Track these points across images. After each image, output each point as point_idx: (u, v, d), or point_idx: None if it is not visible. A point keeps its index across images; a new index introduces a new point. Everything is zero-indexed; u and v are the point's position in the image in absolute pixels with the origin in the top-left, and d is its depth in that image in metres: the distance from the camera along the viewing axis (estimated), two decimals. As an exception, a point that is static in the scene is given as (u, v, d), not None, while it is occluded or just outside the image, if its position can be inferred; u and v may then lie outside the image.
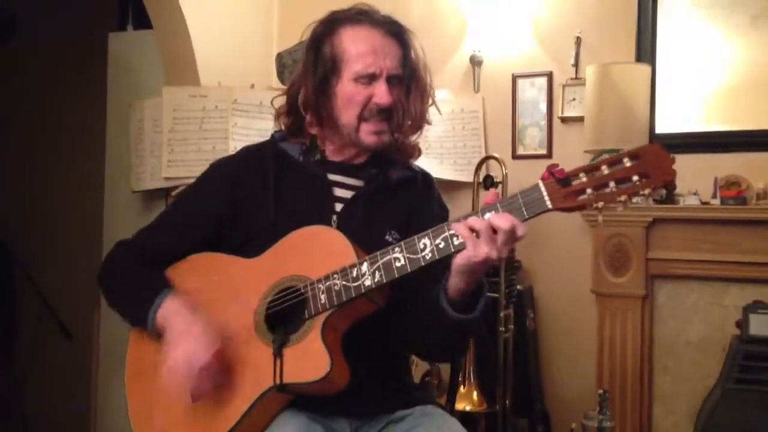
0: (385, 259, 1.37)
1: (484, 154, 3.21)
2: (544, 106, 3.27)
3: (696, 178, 2.92)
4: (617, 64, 3.00)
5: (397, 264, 1.37)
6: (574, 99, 3.21)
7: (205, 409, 1.45)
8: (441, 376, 3.10)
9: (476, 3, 3.30)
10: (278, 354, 1.36)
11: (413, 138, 1.64)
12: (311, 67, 1.56)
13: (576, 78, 3.19)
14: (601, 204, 1.28)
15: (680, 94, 3.07)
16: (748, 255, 2.78)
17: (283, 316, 1.44)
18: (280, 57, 3.01)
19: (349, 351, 1.42)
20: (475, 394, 2.90)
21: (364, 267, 1.38)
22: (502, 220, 1.31)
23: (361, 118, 1.53)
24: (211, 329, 1.44)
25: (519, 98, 3.31)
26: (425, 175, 1.70)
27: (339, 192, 1.58)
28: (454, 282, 1.39)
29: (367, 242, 1.45)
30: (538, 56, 3.29)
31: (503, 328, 2.90)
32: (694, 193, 2.88)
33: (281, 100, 1.67)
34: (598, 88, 2.96)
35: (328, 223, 1.53)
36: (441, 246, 1.35)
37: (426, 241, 1.36)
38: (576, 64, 3.19)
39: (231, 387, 1.44)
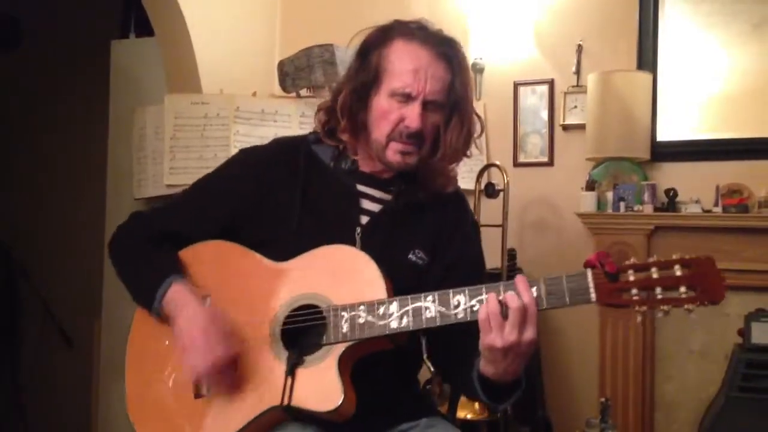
0: (415, 305, 1.32)
1: (485, 162, 3.21)
2: (545, 114, 3.28)
3: (698, 186, 2.92)
4: (619, 72, 3.01)
5: (428, 314, 1.31)
6: (575, 106, 3.21)
7: (207, 410, 1.43)
8: (442, 384, 3.09)
9: (478, 10, 3.31)
10: (290, 374, 1.33)
11: (449, 168, 1.57)
12: (354, 73, 1.51)
13: (577, 86, 3.20)
14: (644, 309, 1.24)
15: (682, 101, 3.08)
16: (750, 263, 2.78)
17: (299, 332, 1.40)
18: (281, 65, 3.02)
19: (358, 364, 1.39)
20: (476, 402, 2.89)
21: (393, 307, 1.33)
22: (512, 299, 1.25)
23: (390, 137, 1.47)
24: (228, 330, 1.41)
25: (520, 106, 3.31)
26: (456, 193, 1.62)
27: (366, 204, 1.53)
28: (483, 360, 1.32)
29: (389, 259, 1.41)
30: (539, 64, 3.29)
31: (505, 336, 2.89)
32: (696, 201, 2.88)
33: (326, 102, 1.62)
34: (599, 96, 2.96)
35: (351, 235, 1.48)
36: (475, 309, 1.29)
37: (461, 298, 1.30)
38: (577, 72, 3.20)
39: (236, 393, 1.41)
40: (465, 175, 3.28)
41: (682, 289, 1.22)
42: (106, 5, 4.01)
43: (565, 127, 3.24)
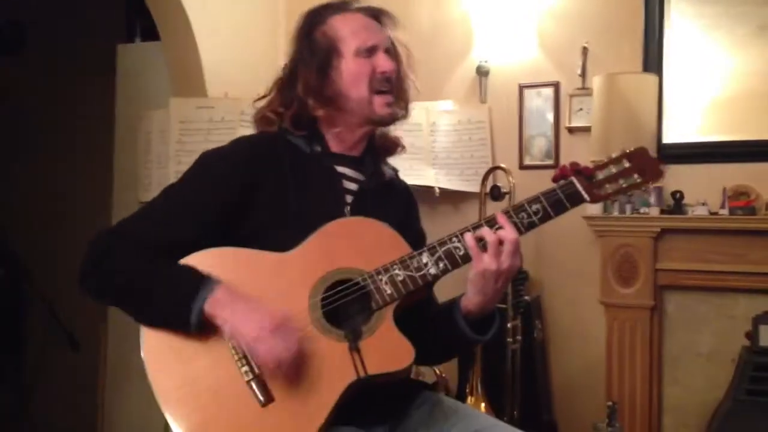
0: (444, 249, 1.44)
1: (490, 165, 3.21)
2: (550, 116, 3.27)
3: (704, 188, 2.91)
4: (624, 74, 3.00)
5: (460, 253, 1.44)
6: (581, 109, 3.21)
7: (281, 414, 1.37)
8: (448, 386, 3.09)
9: (483, 13, 3.30)
10: (355, 347, 1.35)
11: (401, 114, 1.65)
12: (307, 54, 1.58)
13: (583, 88, 3.19)
14: (619, 197, 1.55)
15: (688, 103, 3.07)
16: (757, 265, 2.76)
17: (340, 310, 1.43)
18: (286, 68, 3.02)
19: None
20: (482, 405, 2.89)
21: (425, 257, 1.44)
22: (505, 233, 1.44)
23: (372, 90, 1.56)
24: (286, 323, 1.38)
25: (526, 108, 3.31)
26: (401, 181, 1.75)
27: (347, 184, 1.60)
28: (468, 295, 1.48)
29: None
30: (544, 66, 3.29)
31: (511, 339, 2.89)
32: (703, 204, 2.86)
33: (263, 102, 1.67)
34: (605, 98, 2.95)
35: (342, 214, 1.54)
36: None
37: (482, 231, 1.44)
38: (583, 74, 3.19)
39: (305, 386, 1.38)
40: (470, 178, 3.28)
41: (635, 176, 1.50)
42: (112, 10, 4.03)
43: (571, 130, 3.23)
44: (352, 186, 1.60)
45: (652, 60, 3.08)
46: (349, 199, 1.58)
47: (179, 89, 3.20)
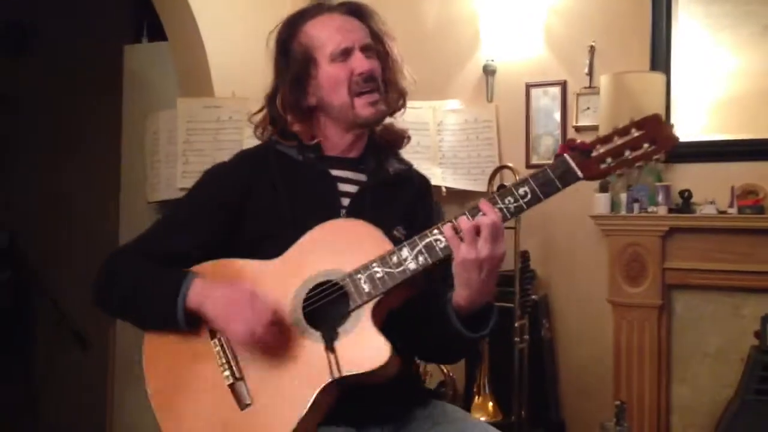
0: (425, 242, 1.38)
1: (497, 164, 3.21)
2: (557, 115, 3.27)
3: (713, 187, 2.90)
4: (631, 73, 2.99)
5: (440, 245, 1.37)
6: (588, 108, 3.20)
7: (258, 414, 1.40)
8: (456, 386, 3.09)
9: (489, 13, 3.30)
10: (330, 348, 1.35)
11: (399, 114, 1.65)
12: (283, 68, 1.58)
13: (590, 87, 3.18)
14: (623, 170, 1.41)
15: (696, 102, 3.06)
16: (766, 264, 2.76)
17: (322, 312, 1.42)
18: (293, 68, 3.02)
19: None
20: (490, 404, 2.89)
21: (405, 252, 1.39)
22: (482, 218, 1.35)
23: (352, 94, 1.53)
24: (255, 292, 1.41)
25: (532, 107, 3.30)
26: (421, 174, 1.71)
27: (343, 187, 1.57)
28: (455, 289, 1.40)
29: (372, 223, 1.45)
30: (551, 65, 3.28)
31: (518, 338, 2.89)
32: (711, 202, 2.86)
33: (259, 117, 1.68)
34: (612, 97, 2.95)
35: (337, 218, 1.52)
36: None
37: (462, 219, 1.37)
38: (590, 73, 3.18)
39: (282, 388, 1.39)
40: (477, 177, 3.28)
41: (645, 145, 1.40)
42: (119, 10, 4.04)
43: (578, 129, 3.23)
44: (350, 188, 1.57)
45: (660, 59, 3.07)
46: (345, 202, 1.56)
47: (186, 89, 3.21)
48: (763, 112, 2.96)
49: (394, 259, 1.39)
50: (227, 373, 1.43)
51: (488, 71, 3.33)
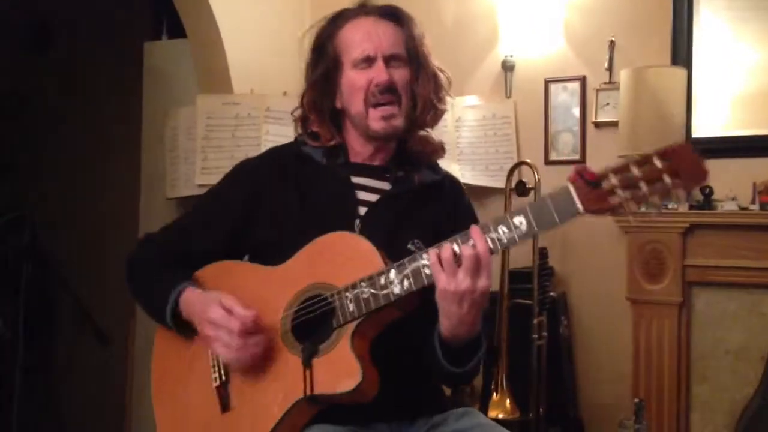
0: (413, 266, 1.33)
1: (516, 160, 3.19)
2: (577, 111, 3.24)
3: (734, 183, 2.86)
4: (652, 68, 2.96)
5: (426, 271, 1.32)
6: (608, 103, 3.17)
7: (237, 420, 1.44)
8: (473, 383, 3.08)
9: (508, 8, 3.28)
10: (307, 365, 1.34)
11: (432, 128, 1.60)
12: (312, 68, 1.57)
13: (610, 82, 3.16)
14: (634, 206, 1.23)
15: (717, 97, 3.02)
16: (788, 261, 2.72)
17: (311, 324, 1.42)
18: (311, 64, 3.03)
19: (381, 354, 1.39)
20: (507, 401, 2.88)
21: (392, 274, 1.34)
22: (466, 248, 1.28)
23: (367, 104, 1.50)
24: (232, 297, 1.43)
25: (551, 103, 3.28)
26: (453, 181, 1.66)
27: (363, 195, 1.54)
28: (440, 319, 1.35)
29: (389, 249, 1.41)
30: (570, 60, 3.26)
31: (536, 335, 2.88)
32: (733, 199, 2.82)
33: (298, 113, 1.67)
34: (632, 93, 2.92)
35: (351, 227, 1.49)
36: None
37: (455, 246, 1.30)
38: (610, 68, 3.16)
39: (262, 397, 1.42)
40: (496, 173, 3.27)
41: (666, 177, 1.21)
42: (138, 7, 4.06)
43: (598, 125, 3.20)
44: (370, 197, 1.54)
45: (681, 53, 3.03)
46: (362, 210, 1.52)
47: (206, 86, 3.23)
48: (786, 107, 2.92)
49: (382, 280, 1.35)
50: (215, 375, 1.48)
51: (507, 67, 3.31)
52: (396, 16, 1.56)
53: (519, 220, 1.28)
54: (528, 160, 3.06)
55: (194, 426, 1.51)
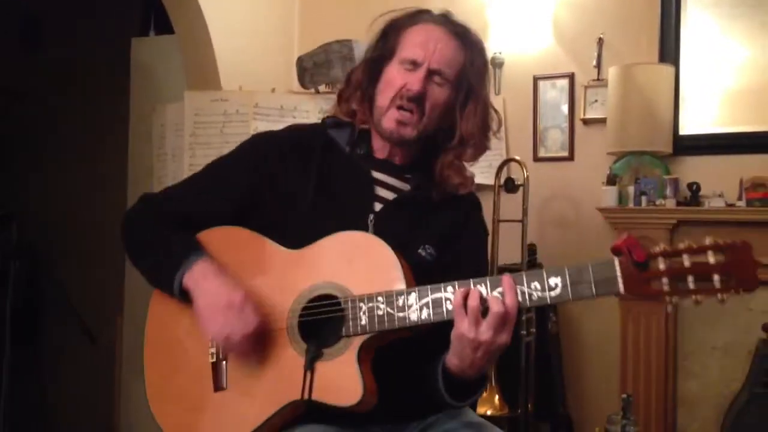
0: (435, 296, 1.29)
1: (505, 157, 3.20)
2: (565, 108, 3.25)
3: (721, 179, 2.88)
4: (640, 65, 2.98)
5: (448, 306, 1.28)
6: (596, 100, 3.18)
7: (227, 403, 1.42)
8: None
9: (497, 5, 3.29)
10: (310, 368, 1.30)
11: (469, 163, 1.56)
12: (371, 49, 1.55)
13: (598, 79, 3.17)
14: (676, 299, 1.19)
15: (704, 94, 3.04)
16: (774, 257, 2.74)
17: (319, 323, 1.38)
18: (300, 61, 3.02)
19: (380, 360, 1.37)
20: (496, 398, 2.89)
21: (412, 298, 1.30)
22: (495, 301, 1.24)
23: (392, 103, 1.48)
24: (250, 301, 1.39)
25: (540, 100, 3.29)
26: (472, 195, 1.62)
27: (381, 191, 1.51)
28: (449, 351, 1.32)
29: (399, 251, 1.37)
30: (559, 57, 3.27)
31: (525, 332, 2.88)
32: (719, 195, 2.84)
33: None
34: (620, 90, 2.93)
35: (364, 221, 1.47)
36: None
37: (481, 288, 1.27)
38: (598, 66, 3.17)
39: (256, 385, 1.40)
40: (485, 170, 3.27)
41: (716, 277, 1.16)
42: (126, 3, 4.04)
43: (586, 121, 3.21)
44: (388, 194, 1.51)
45: (669, 50, 3.05)
46: (377, 207, 1.49)
47: (193, 82, 3.22)
48: (772, 104, 2.94)
49: (400, 301, 1.31)
50: (213, 350, 1.44)
51: (496, 64, 3.31)
52: (464, 38, 1.52)
53: (555, 282, 1.25)
54: (517, 157, 3.07)
55: (185, 399, 1.46)
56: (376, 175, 1.52)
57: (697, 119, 3.04)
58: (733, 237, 2.86)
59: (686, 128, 3.04)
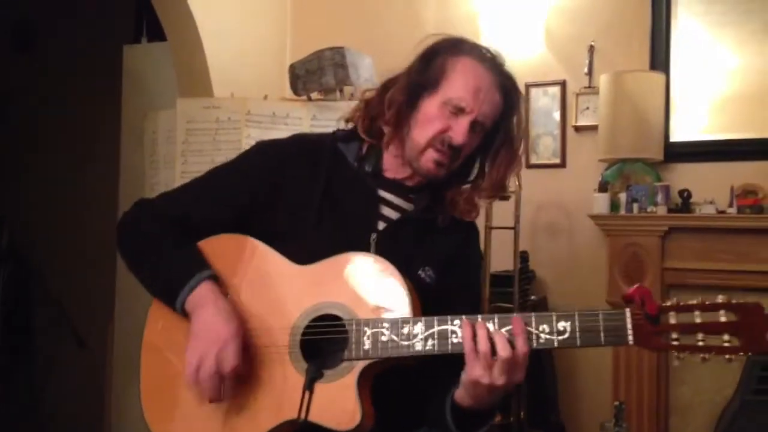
0: (441, 328, 1.29)
1: (497, 164, 3.20)
2: (557, 115, 3.26)
3: (712, 186, 2.90)
4: (631, 73, 2.99)
5: (454, 339, 1.28)
6: (587, 108, 3.20)
7: (223, 416, 1.40)
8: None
9: (489, 11, 3.30)
10: (309, 388, 1.28)
11: (480, 199, 1.56)
12: (414, 72, 1.50)
13: (589, 87, 3.18)
14: (683, 355, 1.20)
15: (695, 102, 3.05)
16: (765, 264, 2.75)
17: (320, 342, 1.36)
18: (293, 68, 3.02)
19: (378, 382, 1.36)
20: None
21: (418, 328, 1.30)
22: (502, 346, 1.24)
23: (430, 144, 1.46)
24: (239, 336, 1.36)
25: (532, 107, 3.30)
26: (472, 224, 1.62)
27: (385, 210, 1.51)
28: (461, 390, 1.32)
29: (399, 271, 1.37)
30: (551, 65, 3.28)
31: (517, 339, 2.88)
32: (710, 202, 2.85)
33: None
34: (612, 97, 2.94)
35: (366, 239, 1.46)
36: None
37: (491, 326, 1.27)
38: (589, 73, 3.18)
39: (253, 401, 1.38)
40: (477, 177, 3.27)
41: (725, 336, 1.17)
42: (118, 10, 4.04)
43: (578, 129, 3.22)
44: (392, 214, 1.51)
45: (659, 58, 3.07)
46: (381, 225, 1.49)
47: (185, 89, 3.21)
48: (763, 111, 2.96)
49: (405, 330, 1.30)
50: None
51: (487, 71, 3.31)
52: (508, 93, 1.51)
53: (563, 326, 1.25)
54: (509, 164, 3.06)
55: (180, 407, 1.44)
56: (383, 194, 1.52)
57: (688, 126, 3.06)
58: (725, 244, 2.88)
59: (677, 135, 3.05)
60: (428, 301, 1.37)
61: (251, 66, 3.41)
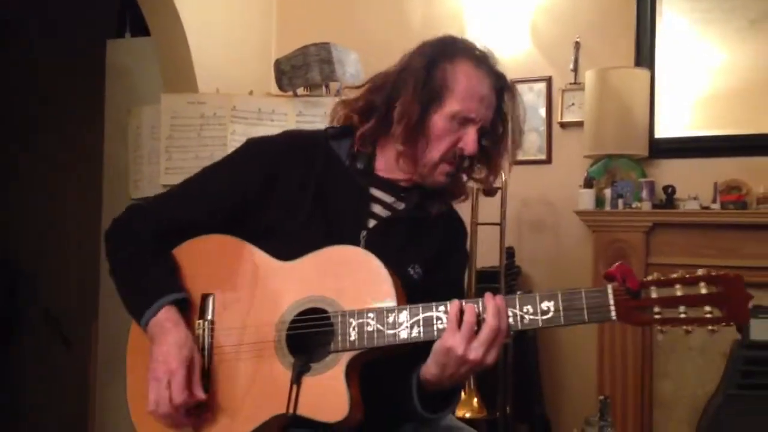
0: (426, 314, 1.30)
1: (483, 160, 3.20)
2: (543, 112, 3.27)
3: (696, 182, 2.92)
4: (616, 69, 3.00)
5: (439, 325, 1.29)
6: (573, 104, 3.21)
7: (211, 413, 1.39)
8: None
9: (474, 8, 3.30)
10: (296, 382, 1.29)
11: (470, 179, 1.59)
12: (420, 86, 1.47)
13: (575, 83, 3.19)
14: (667, 328, 1.22)
15: (680, 98, 3.07)
16: (748, 260, 2.77)
17: (308, 336, 1.36)
18: (278, 63, 3.01)
19: (364, 373, 1.36)
20: (475, 400, 2.89)
21: (403, 316, 1.30)
22: (493, 313, 1.26)
23: (442, 159, 1.47)
24: (185, 365, 1.35)
25: (518, 103, 3.30)
26: (459, 219, 1.64)
27: (376, 208, 1.52)
28: (429, 359, 1.32)
29: (389, 268, 1.37)
30: (536, 61, 3.28)
31: (503, 335, 2.89)
32: (694, 198, 2.87)
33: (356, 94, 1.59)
34: (597, 93, 2.96)
35: (356, 236, 1.46)
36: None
37: (480, 309, 1.28)
38: (575, 69, 3.19)
39: (240, 397, 1.38)
40: (462, 173, 3.27)
41: (707, 308, 1.19)
42: (101, 5, 4.00)
43: (563, 125, 3.23)
44: (382, 212, 1.52)
45: (644, 55, 3.08)
46: (371, 223, 1.49)
47: (170, 85, 3.19)
48: (747, 108, 2.98)
49: (390, 318, 1.31)
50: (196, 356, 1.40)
51: (473, 67, 3.32)
52: (503, 89, 1.53)
53: (547, 306, 1.26)
54: (495, 160, 3.07)
55: None
56: (374, 192, 1.52)
57: (673, 123, 3.07)
58: (709, 240, 2.90)
59: (662, 131, 3.07)
60: (416, 298, 1.36)
61: (236, 61, 3.39)
